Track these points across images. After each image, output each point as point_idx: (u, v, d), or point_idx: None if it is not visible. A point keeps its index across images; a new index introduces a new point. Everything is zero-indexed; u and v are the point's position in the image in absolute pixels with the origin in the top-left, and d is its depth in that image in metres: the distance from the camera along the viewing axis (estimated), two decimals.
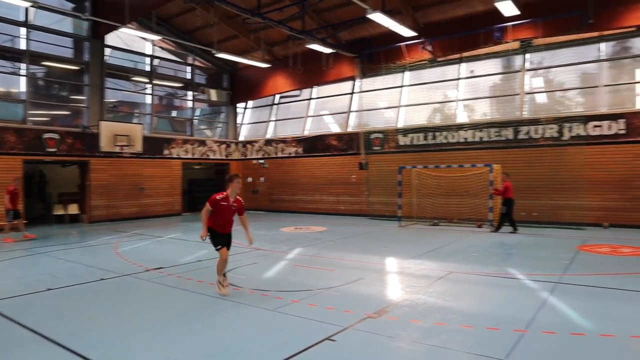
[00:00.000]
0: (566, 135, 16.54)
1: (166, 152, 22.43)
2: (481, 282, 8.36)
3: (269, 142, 24.88)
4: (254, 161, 25.32)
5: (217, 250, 7.40)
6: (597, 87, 16.90)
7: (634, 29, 16.33)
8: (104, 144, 18.57)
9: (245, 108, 27.06)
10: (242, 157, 26.04)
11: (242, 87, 25.76)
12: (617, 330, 5.50)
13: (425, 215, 18.12)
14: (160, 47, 23.17)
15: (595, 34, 16.66)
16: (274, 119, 25.51)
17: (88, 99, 19.73)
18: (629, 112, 15.90)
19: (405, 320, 6.05)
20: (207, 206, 7.21)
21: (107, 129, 18.77)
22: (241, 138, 26.68)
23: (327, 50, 19.62)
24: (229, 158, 25.83)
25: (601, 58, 17.02)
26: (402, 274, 9.18)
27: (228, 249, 7.48)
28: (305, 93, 24.25)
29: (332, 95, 23.33)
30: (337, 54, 20.40)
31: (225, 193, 7.28)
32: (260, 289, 7.81)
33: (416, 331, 5.63)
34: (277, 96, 25.30)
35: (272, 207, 24.17)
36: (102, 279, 8.67)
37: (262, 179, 25.05)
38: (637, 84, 16.75)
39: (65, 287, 8.08)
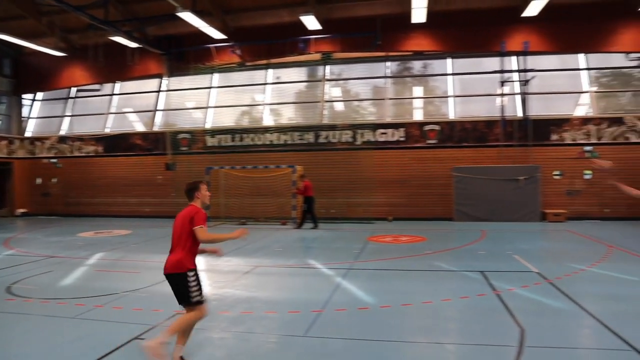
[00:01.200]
0: (359, 141, 18.66)
1: None
2: (284, 273, 9.05)
3: (63, 139, 22.48)
4: (45, 160, 22.62)
5: (198, 302, 4.71)
6: (384, 99, 19.42)
7: (411, 53, 19.30)
8: None
9: (34, 100, 23.94)
10: (30, 156, 23.01)
11: (29, 75, 22.76)
12: (392, 302, 6.62)
13: (233, 215, 18.53)
14: None
15: (383, 53, 19.19)
16: (70, 114, 23.14)
17: None
18: (407, 122, 18.71)
19: (214, 313, 6.26)
20: (204, 226, 4.74)
21: None
22: (28, 134, 23.53)
23: (133, 45, 18.69)
24: (12, 156, 22.60)
25: (387, 75, 19.63)
26: (210, 271, 9.36)
27: None
28: (107, 88, 22.60)
29: (138, 92, 22.22)
30: (143, 50, 19.53)
31: (196, 206, 4.98)
32: (55, 297, 7.20)
33: (224, 321, 5.92)
34: (74, 89, 23.04)
35: (68, 212, 21.91)
36: None
37: (54, 180, 22.51)
38: (414, 99, 19.78)
39: None
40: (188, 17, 15.94)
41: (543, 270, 8.61)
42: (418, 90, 20.06)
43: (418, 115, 19.43)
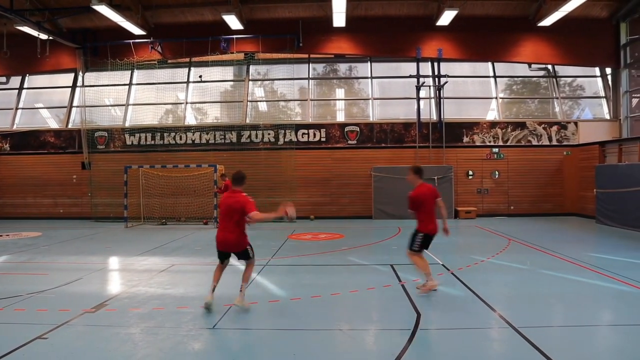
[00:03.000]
0: (281, 141, 18.86)
1: None
2: (201, 270, 9.06)
3: None
4: None
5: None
6: (306, 100, 19.75)
7: (332, 55, 19.81)
8: None
9: None
10: None
11: None
12: (302, 294, 6.90)
13: (153, 215, 18.11)
14: None
15: (306, 55, 19.52)
16: None
17: None
18: (329, 124, 19.17)
19: (124, 310, 6.25)
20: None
21: None
22: None
23: (43, 36, 17.70)
24: None
25: (310, 76, 19.97)
26: (124, 271, 9.20)
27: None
28: (15, 81, 21.23)
29: (50, 87, 21.10)
30: (56, 42, 18.55)
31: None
32: None
33: (134, 317, 5.91)
34: None
35: None
36: None
37: None
38: (338, 101, 20.26)
39: None
40: (104, 10, 15.42)
41: (447, 262, 9.26)
42: (343, 92, 20.57)
43: (342, 117, 19.94)
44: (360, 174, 18.64)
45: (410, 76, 18.79)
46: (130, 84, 20.36)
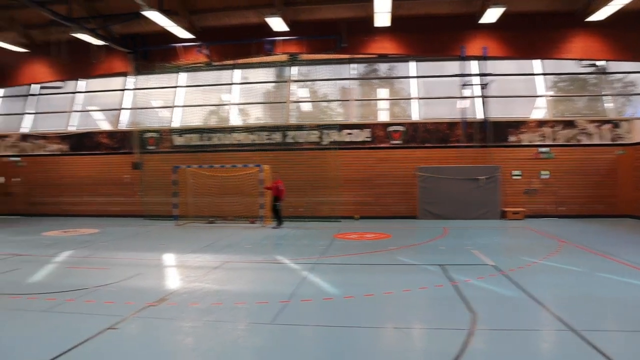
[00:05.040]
0: (325, 141, 19.01)
1: None
2: (253, 268, 9.32)
3: (25, 137, 22.01)
4: (6, 159, 22.09)
5: None
6: (349, 100, 19.83)
7: (376, 55, 19.80)
8: None
9: None
10: None
11: None
12: (355, 293, 6.99)
13: (202, 214, 18.62)
14: None
15: (348, 56, 19.60)
16: (33, 111, 22.64)
17: None
18: (373, 123, 19.17)
19: (185, 305, 6.52)
20: None
21: None
22: None
23: (97, 42, 18.49)
24: None
25: (352, 76, 20.05)
26: (180, 267, 9.55)
27: None
28: (70, 85, 22.27)
29: (103, 90, 21.98)
30: (108, 47, 19.32)
31: None
32: (25, 293, 7.27)
33: (194, 312, 6.17)
34: (35, 86, 22.53)
35: (31, 211, 21.44)
36: None
37: (16, 179, 21.99)
38: (379, 101, 20.24)
39: None
40: (154, 16, 15.93)
41: (498, 263, 9.16)
42: (384, 92, 20.54)
43: (384, 117, 19.91)
44: (405, 174, 18.55)
45: (455, 75, 18.57)
46: (177, 86, 20.99)
